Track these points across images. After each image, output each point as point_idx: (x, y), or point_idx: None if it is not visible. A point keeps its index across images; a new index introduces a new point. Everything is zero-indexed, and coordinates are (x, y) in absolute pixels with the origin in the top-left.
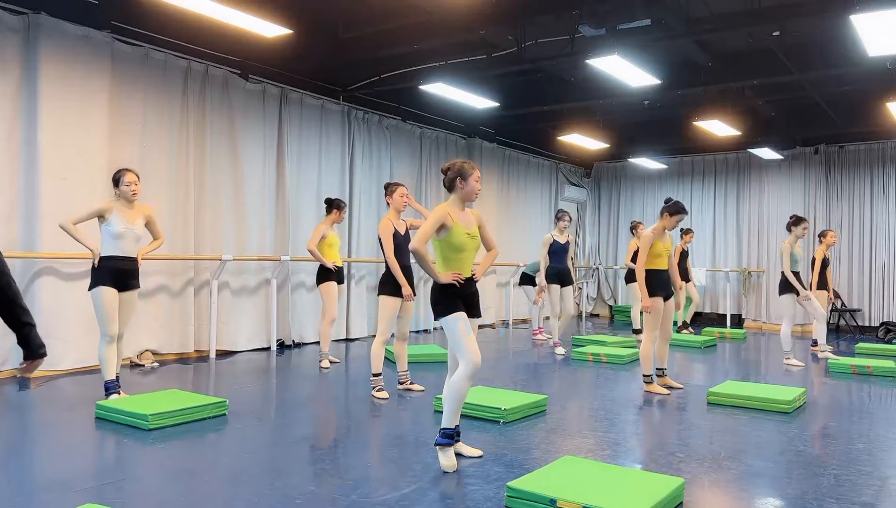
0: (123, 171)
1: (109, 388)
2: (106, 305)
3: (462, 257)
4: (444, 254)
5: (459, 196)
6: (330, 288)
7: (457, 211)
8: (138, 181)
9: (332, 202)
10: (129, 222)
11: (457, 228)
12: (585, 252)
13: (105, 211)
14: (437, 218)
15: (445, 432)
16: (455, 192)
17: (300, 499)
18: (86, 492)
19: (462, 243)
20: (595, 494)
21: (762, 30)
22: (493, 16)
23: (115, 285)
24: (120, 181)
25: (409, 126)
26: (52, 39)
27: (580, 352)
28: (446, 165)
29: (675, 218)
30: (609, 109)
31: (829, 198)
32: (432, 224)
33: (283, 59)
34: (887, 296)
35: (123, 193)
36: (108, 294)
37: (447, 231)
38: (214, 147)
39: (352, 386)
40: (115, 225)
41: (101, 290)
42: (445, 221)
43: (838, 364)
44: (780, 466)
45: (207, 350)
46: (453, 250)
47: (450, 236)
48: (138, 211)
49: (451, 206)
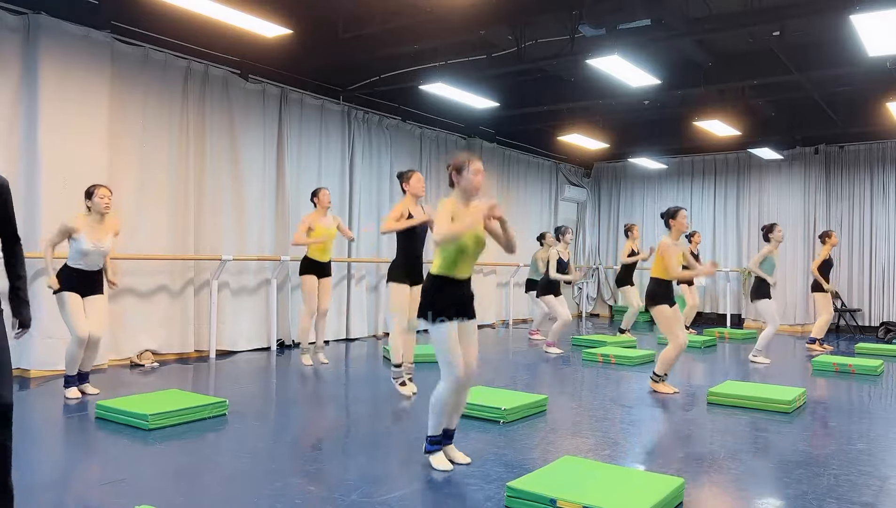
0: (97, 186)
1: (68, 381)
2: (70, 307)
3: (463, 259)
4: (445, 252)
5: (460, 191)
6: (306, 281)
7: (461, 208)
8: (111, 196)
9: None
10: (97, 240)
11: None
12: (585, 252)
13: (74, 230)
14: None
15: (432, 439)
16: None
17: (300, 499)
18: (86, 492)
19: (465, 245)
20: (595, 494)
21: (762, 30)
22: (493, 16)
23: (78, 292)
24: (93, 194)
25: (409, 126)
26: (52, 39)
27: (590, 353)
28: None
29: (679, 218)
30: (609, 109)
31: (829, 198)
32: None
33: (283, 59)
34: (887, 296)
35: (96, 204)
36: (72, 298)
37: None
38: (214, 147)
39: (352, 386)
40: (83, 243)
41: (64, 295)
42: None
43: (820, 362)
44: (780, 466)
45: (207, 350)
46: (454, 252)
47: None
48: (108, 226)
49: (454, 203)
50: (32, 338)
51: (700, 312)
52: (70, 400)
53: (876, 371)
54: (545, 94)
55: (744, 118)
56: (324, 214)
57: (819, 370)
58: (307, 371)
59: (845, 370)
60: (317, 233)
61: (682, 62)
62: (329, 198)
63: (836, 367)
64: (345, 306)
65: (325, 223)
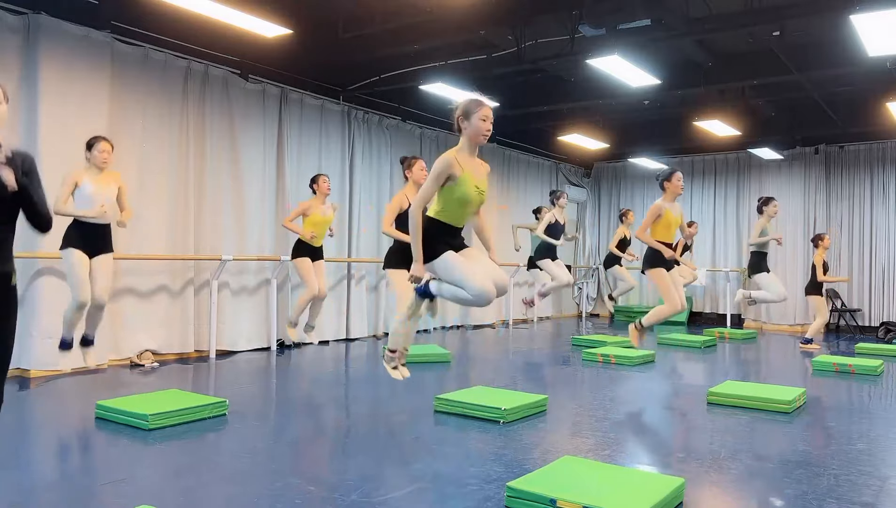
0: (99, 138)
1: (64, 344)
2: (75, 267)
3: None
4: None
5: (466, 139)
6: (302, 262)
7: (466, 158)
8: (111, 151)
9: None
10: (100, 187)
11: (466, 177)
12: (585, 252)
13: (77, 179)
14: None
15: (422, 290)
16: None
17: (300, 499)
18: (86, 492)
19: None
20: (595, 494)
21: (762, 30)
22: (493, 16)
23: (84, 249)
24: (93, 147)
25: (409, 126)
26: (52, 39)
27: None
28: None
29: (673, 180)
30: (609, 109)
31: (829, 198)
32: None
33: (283, 59)
34: (887, 296)
35: (94, 158)
36: (77, 257)
37: (454, 181)
38: (214, 147)
39: (352, 386)
40: (86, 188)
41: (70, 252)
42: (452, 169)
43: (820, 362)
44: (780, 466)
45: (207, 350)
46: (456, 202)
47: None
48: (109, 177)
49: (459, 152)
50: (32, 338)
51: (700, 312)
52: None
53: (876, 371)
54: (545, 94)
55: (744, 118)
56: (322, 201)
57: (819, 370)
58: (307, 372)
59: (845, 370)
60: (312, 220)
61: (682, 62)
62: (328, 185)
63: (836, 367)
64: (345, 306)
65: (322, 211)
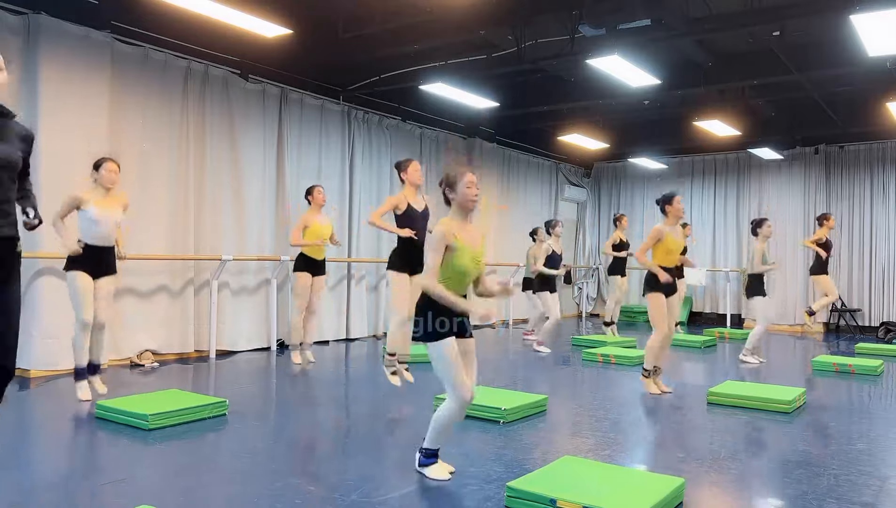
0: (106, 159)
1: (78, 374)
2: (80, 290)
3: (463, 281)
4: (447, 273)
5: (456, 207)
6: (300, 277)
7: (459, 226)
8: (118, 172)
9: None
10: (105, 210)
11: (462, 249)
12: (585, 252)
13: (82, 201)
14: (438, 239)
15: (428, 452)
16: (451, 204)
17: (300, 499)
18: (86, 492)
19: (465, 268)
20: (595, 494)
21: (762, 30)
22: (493, 16)
23: (90, 272)
24: (101, 167)
25: (409, 126)
26: (52, 39)
27: (590, 353)
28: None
29: (674, 204)
30: (609, 109)
31: (829, 198)
32: (435, 250)
33: (283, 59)
34: (887, 296)
35: (102, 178)
36: (83, 280)
37: (451, 252)
38: (214, 147)
39: (352, 386)
40: (92, 211)
41: (75, 275)
42: (448, 240)
43: (820, 362)
44: (781, 466)
45: (207, 350)
46: (455, 272)
47: (455, 257)
48: (115, 199)
49: (451, 222)
50: (32, 338)
51: (700, 312)
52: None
53: (876, 371)
54: (545, 94)
55: (744, 118)
56: (318, 211)
57: (819, 370)
58: (307, 370)
59: (845, 370)
60: (312, 230)
61: (682, 62)
62: (324, 196)
63: (836, 367)
64: (345, 306)
65: (320, 221)
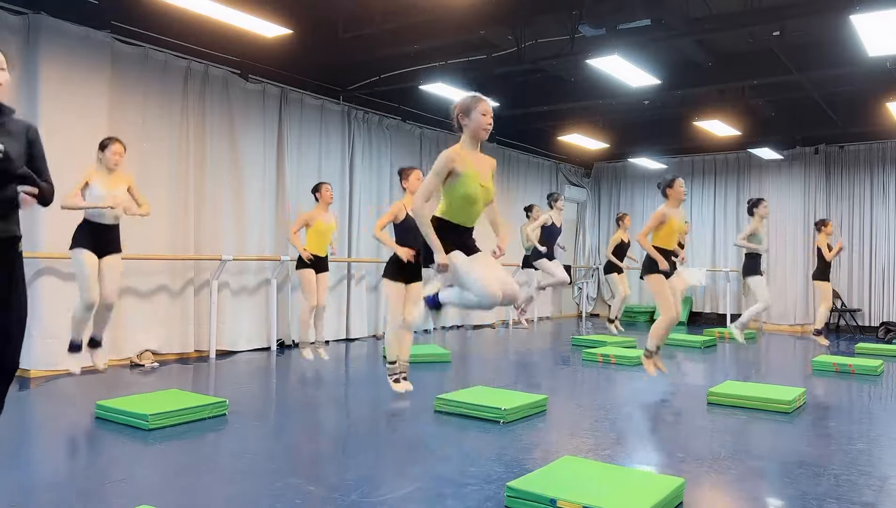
0: (113, 139)
1: (73, 347)
2: (84, 267)
3: (470, 211)
4: (450, 202)
5: (468, 135)
6: (304, 274)
7: (468, 154)
8: (124, 153)
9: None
10: (110, 187)
11: (469, 174)
12: (585, 252)
13: (88, 179)
14: (443, 163)
15: (432, 301)
16: (463, 132)
17: (300, 499)
18: (86, 492)
19: (473, 194)
20: (595, 494)
21: (762, 30)
22: (493, 16)
23: (94, 250)
24: (106, 148)
25: (409, 126)
26: (52, 39)
27: (590, 353)
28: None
29: (675, 187)
30: (609, 109)
31: (829, 198)
32: (436, 172)
33: (283, 59)
34: (887, 296)
35: (106, 159)
36: (86, 257)
37: (457, 178)
38: (214, 147)
39: (352, 386)
40: (96, 189)
41: (79, 252)
42: (454, 165)
43: (820, 362)
44: (780, 466)
45: (207, 350)
46: (461, 200)
47: (460, 184)
48: (119, 177)
49: (462, 148)
50: (32, 338)
51: (700, 312)
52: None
53: (876, 371)
54: (545, 94)
55: (744, 118)
56: (325, 209)
57: (819, 370)
58: (307, 370)
59: (845, 370)
60: (316, 228)
61: (682, 62)
62: (331, 194)
63: (836, 367)
64: (345, 306)
65: (325, 219)
